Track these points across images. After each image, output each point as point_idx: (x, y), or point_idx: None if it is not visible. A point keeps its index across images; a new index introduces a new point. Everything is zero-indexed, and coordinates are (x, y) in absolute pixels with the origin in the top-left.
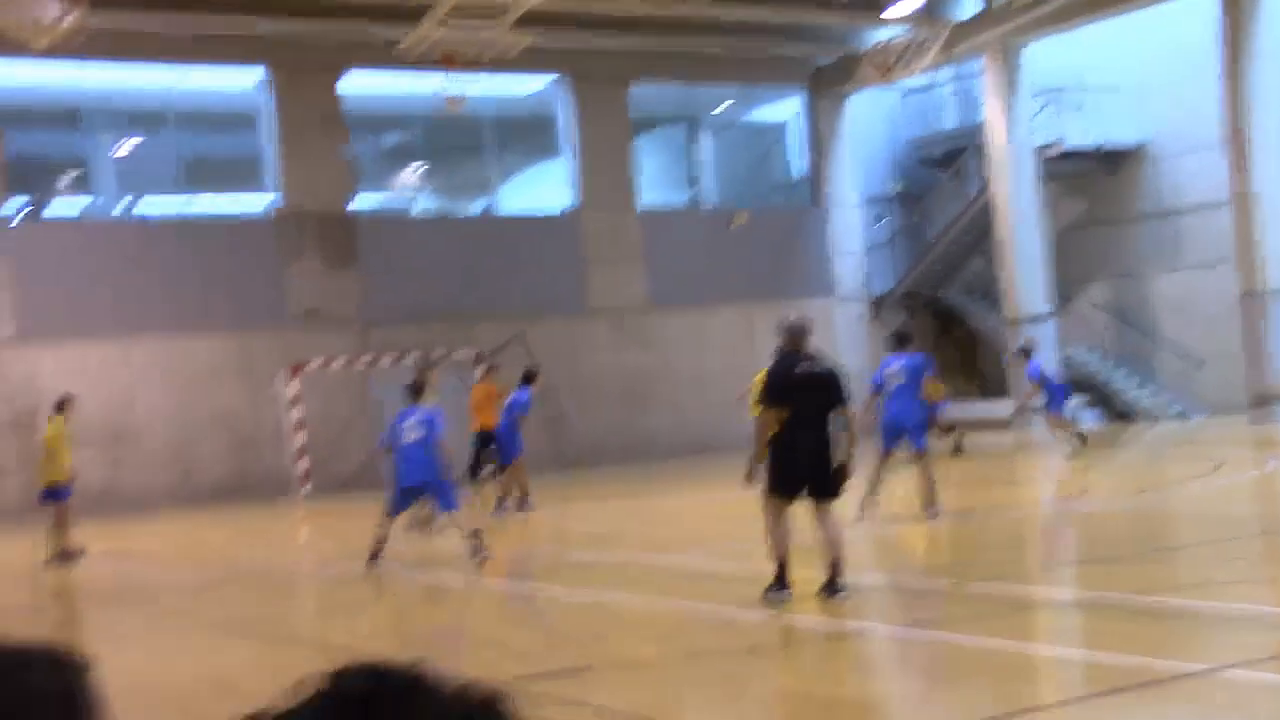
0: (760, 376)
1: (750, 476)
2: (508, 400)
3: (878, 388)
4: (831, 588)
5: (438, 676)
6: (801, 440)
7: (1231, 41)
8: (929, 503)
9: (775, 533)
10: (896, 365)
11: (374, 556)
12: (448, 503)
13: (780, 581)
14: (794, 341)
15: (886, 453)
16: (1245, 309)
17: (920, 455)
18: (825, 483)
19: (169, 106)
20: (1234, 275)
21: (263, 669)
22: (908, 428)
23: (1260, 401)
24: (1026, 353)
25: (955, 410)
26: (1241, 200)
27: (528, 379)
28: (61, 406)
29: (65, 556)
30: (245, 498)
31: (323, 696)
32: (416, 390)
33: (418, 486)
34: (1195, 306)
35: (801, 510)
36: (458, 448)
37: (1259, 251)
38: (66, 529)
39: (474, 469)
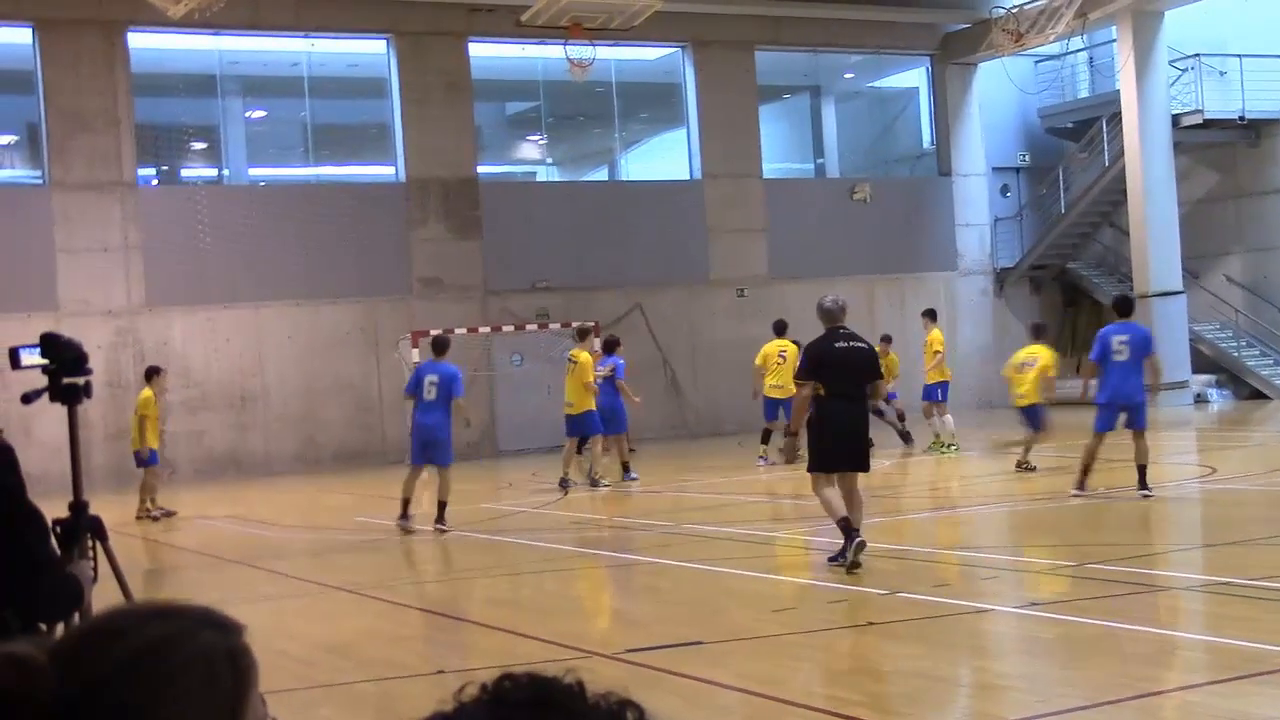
0: (767, 349)
1: (790, 453)
2: (605, 371)
3: (1100, 359)
4: (843, 555)
5: (590, 688)
6: (837, 415)
7: None
8: (1141, 483)
9: (828, 502)
10: (1120, 337)
11: (404, 515)
12: (445, 458)
13: (848, 538)
14: (831, 320)
15: (1103, 430)
16: None
17: (1140, 435)
18: (859, 457)
19: (298, 75)
20: None
21: (379, 635)
22: (1130, 405)
23: None
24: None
25: (1081, 388)
26: None
27: (610, 347)
28: (149, 376)
29: (149, 517)
30: (367, 463)
31: (486, 703)
32: (439, 347)
33: (431, 441)
34: None
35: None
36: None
37: None
38: (147, 493)
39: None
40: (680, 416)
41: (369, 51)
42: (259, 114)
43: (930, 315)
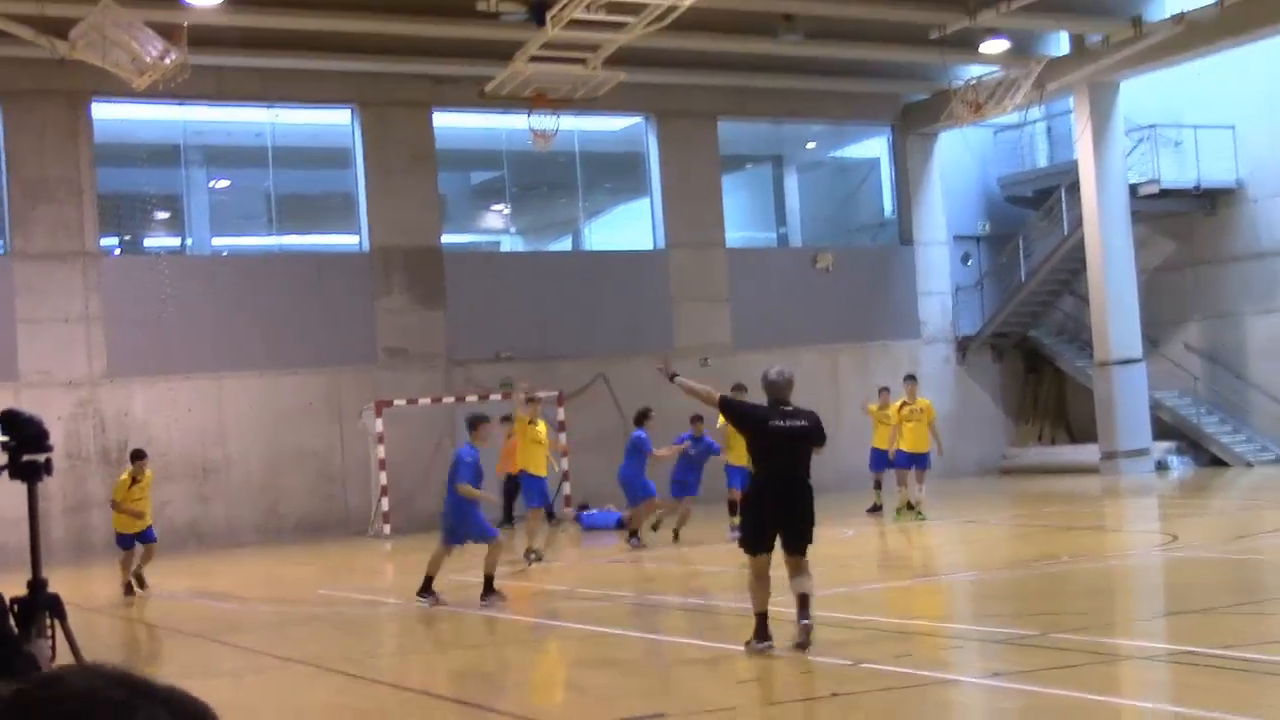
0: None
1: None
2: (630, 442)
3: None
4: (757, 642)
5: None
6: (772, 493)
7: None
8: None
9: (753, 591)
10: None
11: (424, 591)
12: (452, 538)
13: (760, 634)
14: (776, 393)
15: None
16: None
17: None
18: (797, 534)
19: (262, 144)
20: None
21: (341, 710)
22: None
23: None
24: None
25: (1043, 455)
26: None
27: (640, 419)
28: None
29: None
30: (330, 534)
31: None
32: (470, 426)
33: (445, 525)
34: None
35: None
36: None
37: None
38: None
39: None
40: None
41: (333, 122)
42: (223, 184)
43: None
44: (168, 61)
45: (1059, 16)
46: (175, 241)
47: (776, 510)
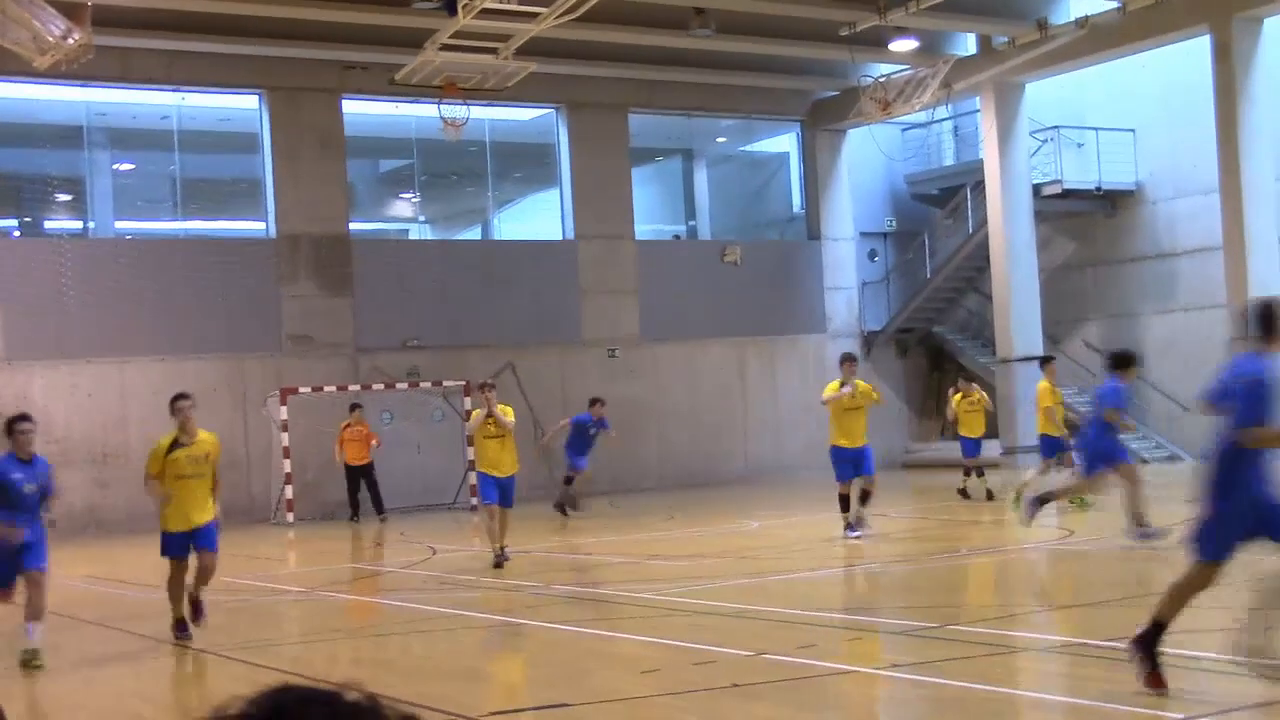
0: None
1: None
2: (574, 422)
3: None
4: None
5: (363, 698)
6: None
7: (1225, 88)
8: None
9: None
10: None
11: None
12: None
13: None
14: (593, 406)
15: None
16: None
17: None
18: None
19: (168, 128)
20: (1224, 319)
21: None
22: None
23: None
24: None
25: (945, 449)
26: (1234, 245)
27: (592, 404)
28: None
29: None
30: (233, 521)
31: (245, 715)
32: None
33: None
34: (1185, 349)
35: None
36: (442, 476)
37: (1249, 296)
38: None
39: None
40: (550, 476)
41: (241, 106)
42: (127, 167)
43: (1043, 363)
44: (71, 42)
45: (966, 18)
46: (77, 224)
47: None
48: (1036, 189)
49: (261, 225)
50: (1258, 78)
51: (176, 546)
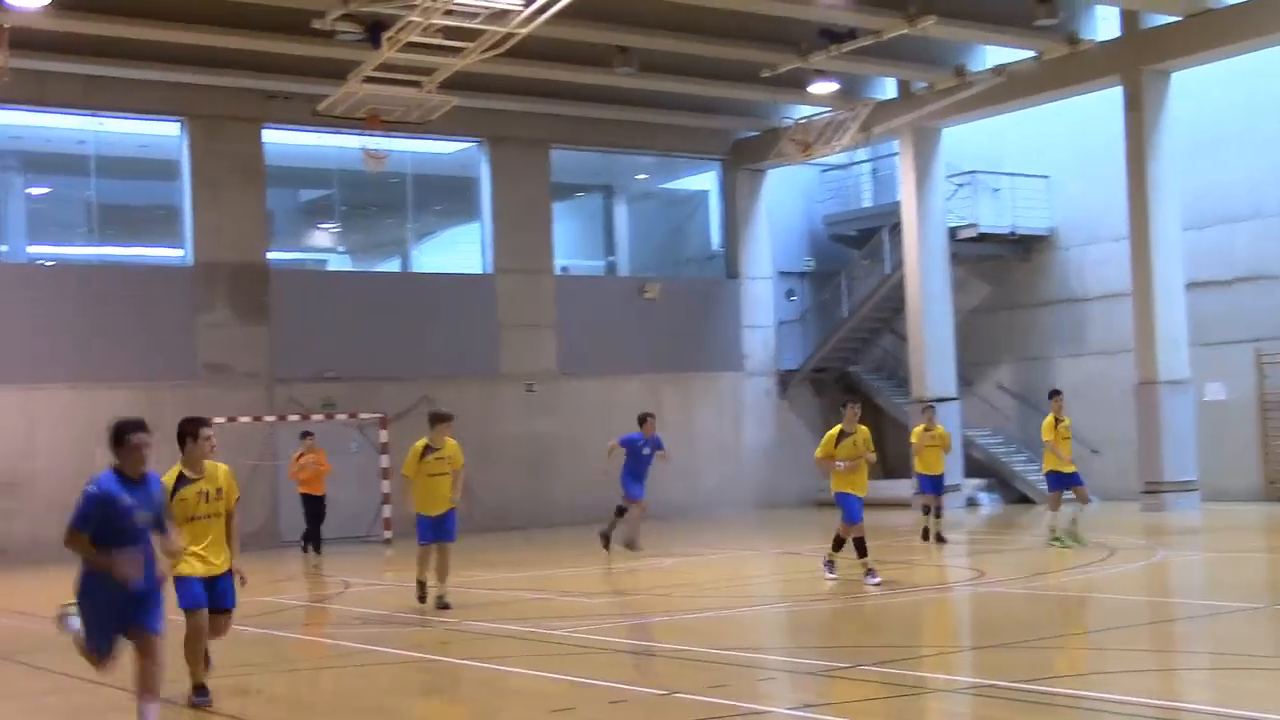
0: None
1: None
2: (623, 443)
3: None
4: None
5: None
6: None
7: (1135, 138)
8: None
9: None
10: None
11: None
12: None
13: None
14: (644, 424)
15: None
16: (1141, 398)
17: None
18: None
19: (84, 153)
20: (1133, 364)
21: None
22: None
23: (1152, 490)
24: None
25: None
26: (1142, 292)
27: (642, 421)
28: None
29: None
30: None
31: None
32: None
33: None
34: (1096, 393)
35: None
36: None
37: (1156, 342)
38: None
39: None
40: (465, 510)
41: (160, 133)
42: (41, 190)
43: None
44: None
45: (886, 62)
46: None
47: None
48: (953, 232)
49: (179, 252)
50: (1166, 129)
51: (196, 596)
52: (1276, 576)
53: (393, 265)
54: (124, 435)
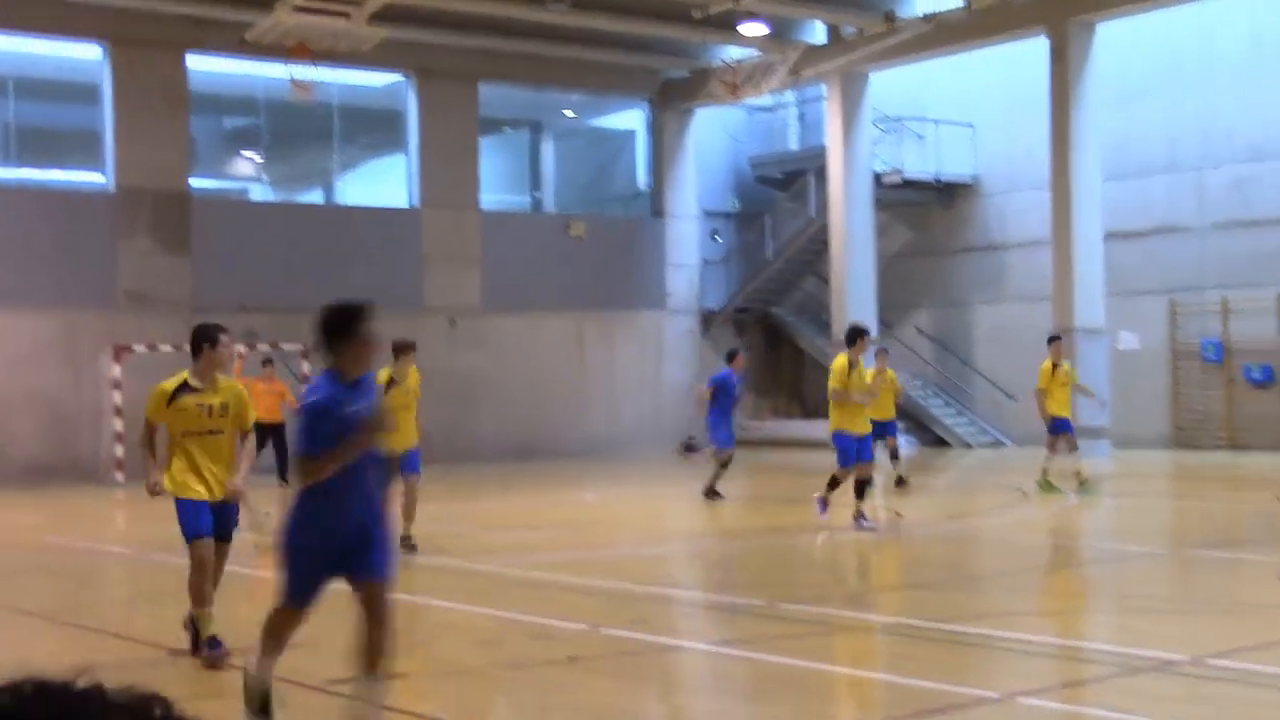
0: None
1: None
2: (714, 384)
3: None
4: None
5: (97, 688)
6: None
7: (1059, 89)
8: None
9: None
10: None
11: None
12: None
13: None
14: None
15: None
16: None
17: None
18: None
19: (3, 74)
20: (1050, 311)
21: (67, 660)
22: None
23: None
24: None
25: (778, 428)
26: (1061, 240)
27: (731, 358)
28: None
29: None
30: (60, 480)
31: None
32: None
33: None
34: (1013, 339)
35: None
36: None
37: (1073, 290)
38: None
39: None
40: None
41: (82, 56)
42: None
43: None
44: None
45: (816, 6)
46: None
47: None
48: (877, 177)
49: (100, 178)
50: (1090, 81)
51: (201, 521)
52: (1182, 522)
53: (317, 197)
54: (353, 325)
